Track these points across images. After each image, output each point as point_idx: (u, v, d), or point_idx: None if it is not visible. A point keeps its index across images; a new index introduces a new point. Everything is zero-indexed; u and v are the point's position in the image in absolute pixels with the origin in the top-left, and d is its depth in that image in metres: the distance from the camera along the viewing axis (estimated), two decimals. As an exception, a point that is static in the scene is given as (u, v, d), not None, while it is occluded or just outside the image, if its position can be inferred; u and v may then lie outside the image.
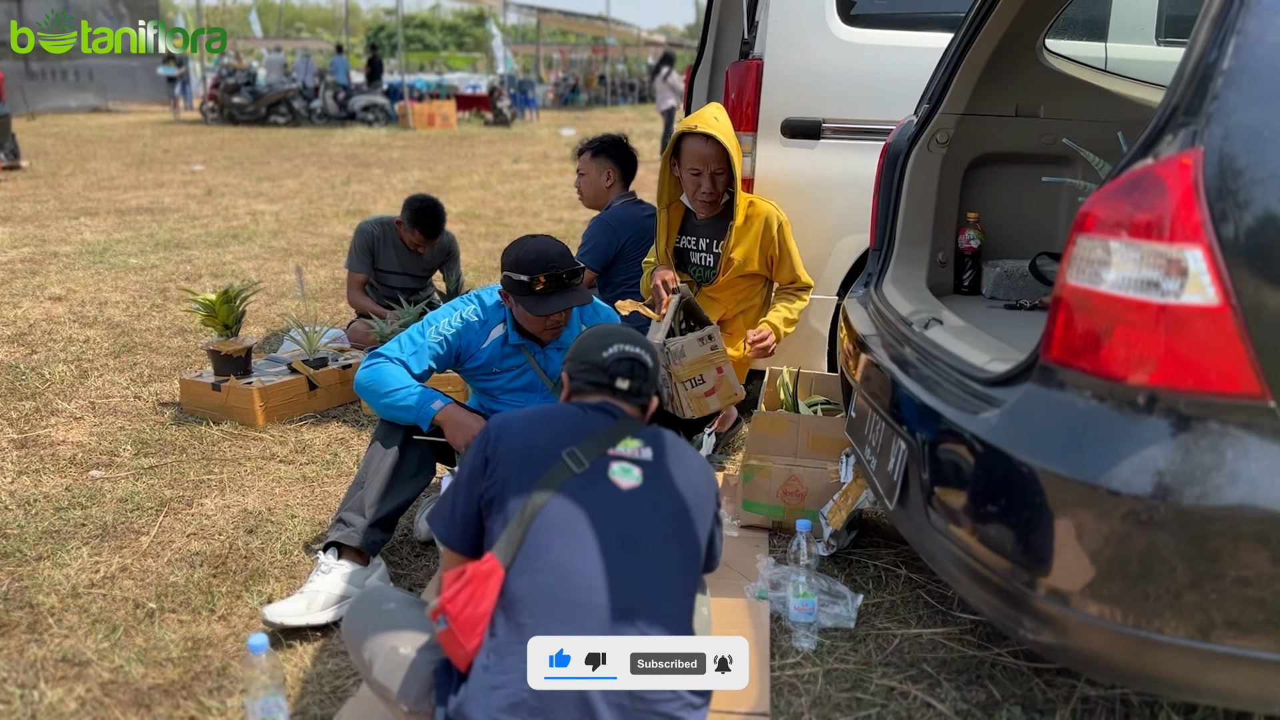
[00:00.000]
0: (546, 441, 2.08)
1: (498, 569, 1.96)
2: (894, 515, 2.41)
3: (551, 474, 2.03)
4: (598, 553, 1.96)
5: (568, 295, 3.00)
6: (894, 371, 2.45)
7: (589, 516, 1.99)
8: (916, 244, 3.08)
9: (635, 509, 2.04)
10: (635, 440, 2.13)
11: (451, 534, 2.15)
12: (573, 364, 2.27)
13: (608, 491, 2.03)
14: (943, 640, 2.76)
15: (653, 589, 1.99)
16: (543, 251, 2.99)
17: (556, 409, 2.20)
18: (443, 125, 24.15)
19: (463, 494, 2.13)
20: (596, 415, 2.16)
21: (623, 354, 2.22)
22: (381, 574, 2.97)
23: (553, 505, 1.99)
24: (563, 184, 13.67)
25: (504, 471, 2.05)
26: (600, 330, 2.31)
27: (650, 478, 2.08)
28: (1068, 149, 3.20)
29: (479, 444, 2.12)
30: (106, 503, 3.59)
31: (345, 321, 6.13)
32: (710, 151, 3.69)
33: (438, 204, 5.29)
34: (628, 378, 2.22)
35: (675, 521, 2.08)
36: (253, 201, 11.28)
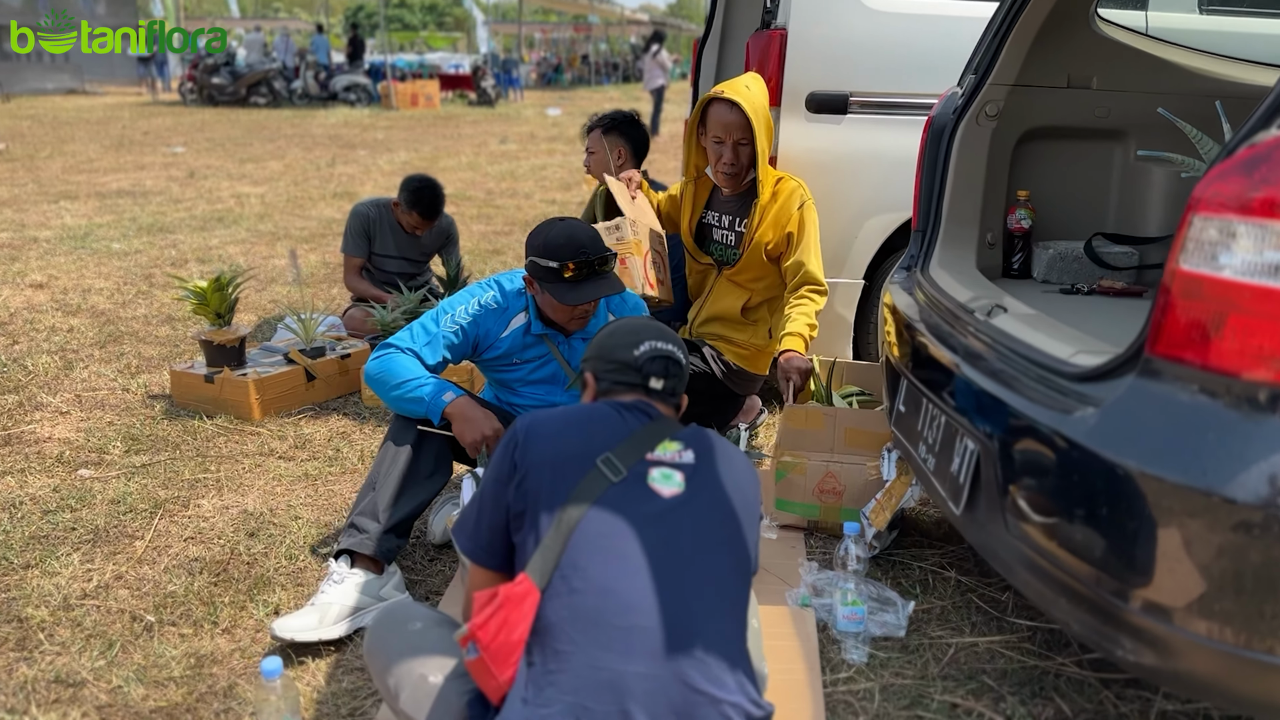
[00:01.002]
0: (580, 447, 1.89)
1: (533, 591, 1.77)
2: (960, 520, 2.23)
3: (587, 484, 1.84)
4: (642, 570, 1.76)
5: (599, 284, 2.79)
6: (959, 364, 2.26)
7: (630, 530, 1.80)
8: (964, 224, 2.89)
9: (679, 518, 1.84)
10: (675, 443, 1.94)
11: (478, 548, 1.96)
12: (599, 363, 2.07)
13: (649, 501, 1.84)
14: (1000, 649, 2.58)
15: (703, 606, 1.80)
16: (573, 236, 2.78)
17: (589, 409, 2.00)
18: (426, 105, 23.81)
19: (489, 503, 1.93)
20: (633, 416, 1.97)
21: (656, 352, 2.03)
22: (397, 582, 2.77)
23: (590, 519, 1.80)
24: (553, 164, 13.43)
25: (535, 481, 1.86)
26: (626, 325, 2.11)
27: (693, 483, 1.89)
28: (1122, 124, 3.02)
29: (506, 448, 1.93)
30: (97, 505, 3.38)
31: (340, 308, 5.90)
32: (734, 120, 3.48)
33: (437, 184, 5.08)
34: (662, 377, 2.03)
35: (723, 529, 1.89)
36: (236, 184, 11.00)
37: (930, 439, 2.43)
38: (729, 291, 3.65)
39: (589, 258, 2.74)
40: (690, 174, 3.73)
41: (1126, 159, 3.06)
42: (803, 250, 3.46)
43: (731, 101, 3.45)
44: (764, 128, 3.49)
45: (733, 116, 3.47)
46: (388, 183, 11.37)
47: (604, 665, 1.70)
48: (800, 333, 3.31)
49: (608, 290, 2.79)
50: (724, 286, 3.67)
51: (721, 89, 3.49)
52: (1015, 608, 2.75)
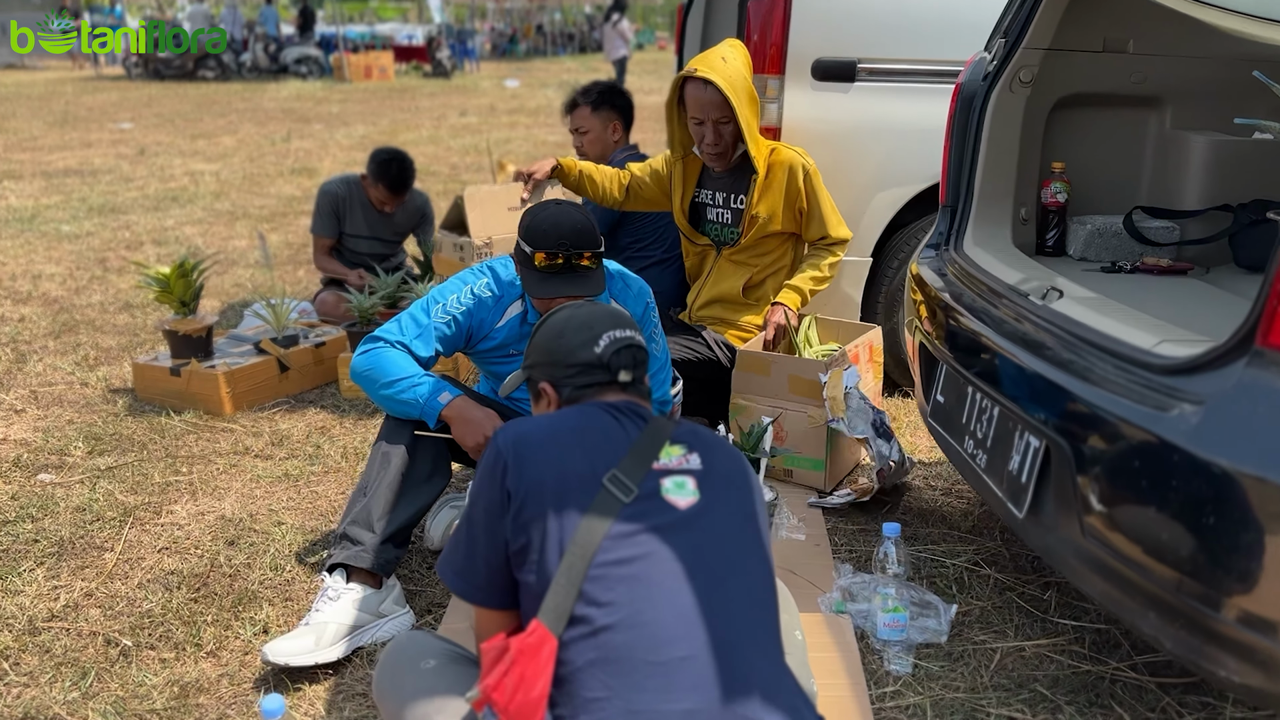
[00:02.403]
0: (581, 464, 1.64)
1: (548, 639, 1.53)
2: (1021, 523, 2.05)
3: (597, 508, 1.59)
4: (672, 595, 1.54)
5: (573, 282, 2.52)
6: (1019, 353, 2.08)
7: (654, 553, 1.57)
8: (998, 199, 2.71)
9: (701, 530, 1.63)
10: (677, 446, 1.71)
11: (474, 588, 1.70)
12: (555, 369, 1.81)
13: (667, 516, 1.62)
14: (1048, 653, 2.42)
15: (744, 624, 1.59)
16: (557, 224, 2.52)
17: (579, 417, 1.74)
18: (380, 78, 23.28)
19: (482, 537, 1.67)
20: (629, 421, 1.73)
21: (619, 342, 1.80)
22: (397, 596, 2.56)
23: (606, 550, 1.56)
24: (516, 138, 13.12)
25: (534, 510, 1.61)
26: (573, 319, 1.84)
27: (705, 488, 1.67)
28: (1158, 90, 2.85)
29: (492, 472, 1.66)
30: (61, 513, 3.12)
31: (311, 292, 5.64)
32: (710, 99, 3.24)
33: (405, 156, 4.82)
34: (630, 368, 1.80)
35: (744, 534, 1.68)
36: (189, 161, 10.60)
37: (980, 434, 2.25)
38: (730, 272, 3.44)
39: (565, 251, 2.49)
40: (677, 152, 3.50)
41: (1162, 127, 2.89)
42: (819, 218, 3.35)
43: (705, 80, 3.22)
44: (746, 101, 3.25)
45: (708, 95, 3.24)
46: (347, 158, 11.02)
47: (643, 708, 1.49)
48: (799, 287, 3.34)
49: (582, 291, 2.50)
50: (724, 267, 3.46)
51: (694, 66, 3.25)
52: (1058, 607, 2.60)
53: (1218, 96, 2.84)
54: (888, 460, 2.99)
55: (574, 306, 1.88)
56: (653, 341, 2.82)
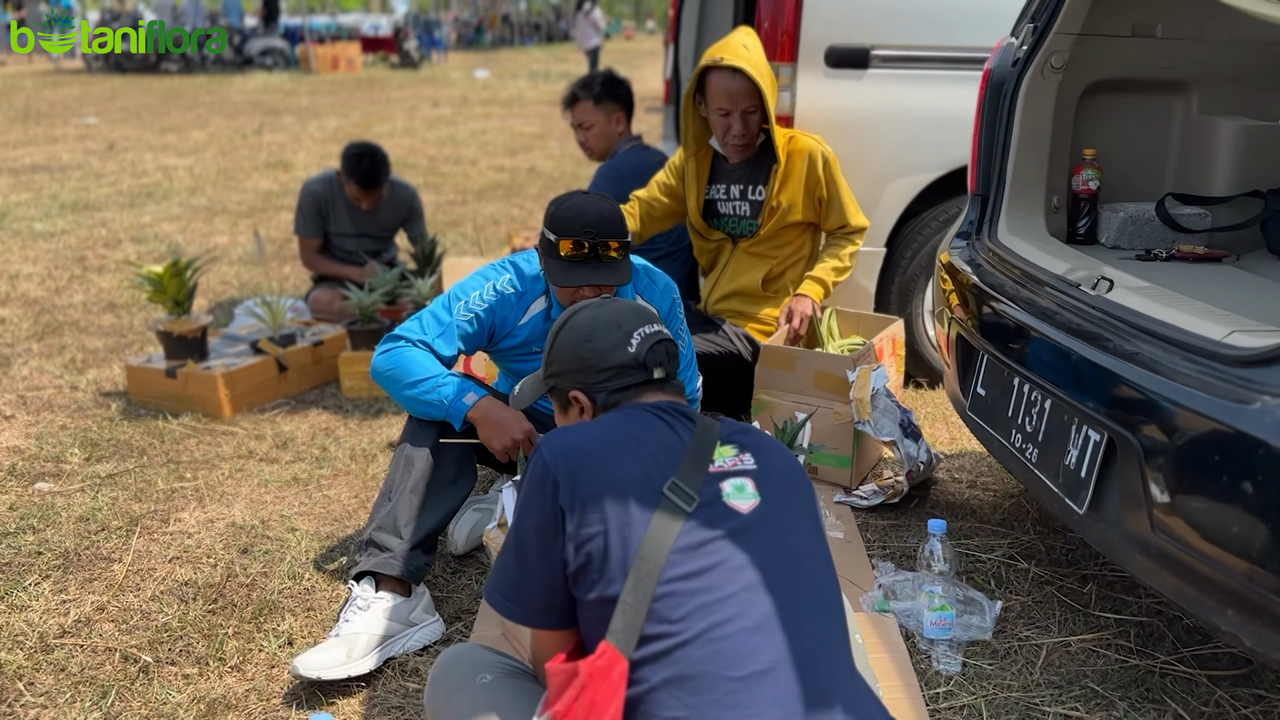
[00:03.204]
0: (636, 473, 1.55)
1: (619, 661, 1.45)
2: (1081, 519, 2.01)
3: (660, 521, 1.50)
4: (748, 606, 1.46)
5: (599, 271, 2.44)
6: (1074, 345, 2.03)
7: (723, 563, 1.50)
8: (1031, 187, 2.66)
9: (766, 534, 1.56)
10: (729, 446, 1.64)
11: (531, 613, 1.61)
12: (587, 374, 1.72)
13: (731, 522, 1.54)
14: (1094, 647, 2.38)
15: (820, 629, 1.53)
16: (582, 211, 2.45)
17: (627, 422, 1.65)
18: (348, 69, 23.02)
19: (535, 559, 1.57)
20: (678, 422, 1.65)
21: (650, 338, 1.72)
22: (427, 604, 2.48)
23: (675, 564, 1.48)
24: (492, 129, 12.99)
25: (592, 528, 1.51)
26: (599, 319, 1.75)
27: (765, 489, 1.59)
28: (1186, 75, 2.81)
29: (540, 490, 1.56)
30: (63, 523, 3.01)
31: (300, 289, 5.53)
32: (740, 87, 3.17)
33: (376, 151, 4.67)
34: (664, 363, 1.73)
35: (809, 533, 1.62)
36: (160, 155, 10.39)
37: (1030, 427, 2.20)
38: (748, 264, 3.37)
39: (591, 239, 2.43)
40: (690, 148, 3.41)
41: (1188, 113, 2.85)
42: (838, 207, 3.30)
43: (734, 68, 3.14)
44: (771, 89, 3.20)
45: (738, 84, 3.16)
46: (322, 151, 10.86)
47: None
48: (821, 278, 3.29)
49: (609, 280, 2.44)
50: (742, 260, 3.39)
51: (719, 55, 3.17)
52: (1098, 600, 2.56)
53: (1245, 81, 2.81)
54: (916, 462, 2.94)
55: (593, 307, 1.79)
56: (679, 338, 2.76)
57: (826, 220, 3.34)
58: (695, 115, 3.33)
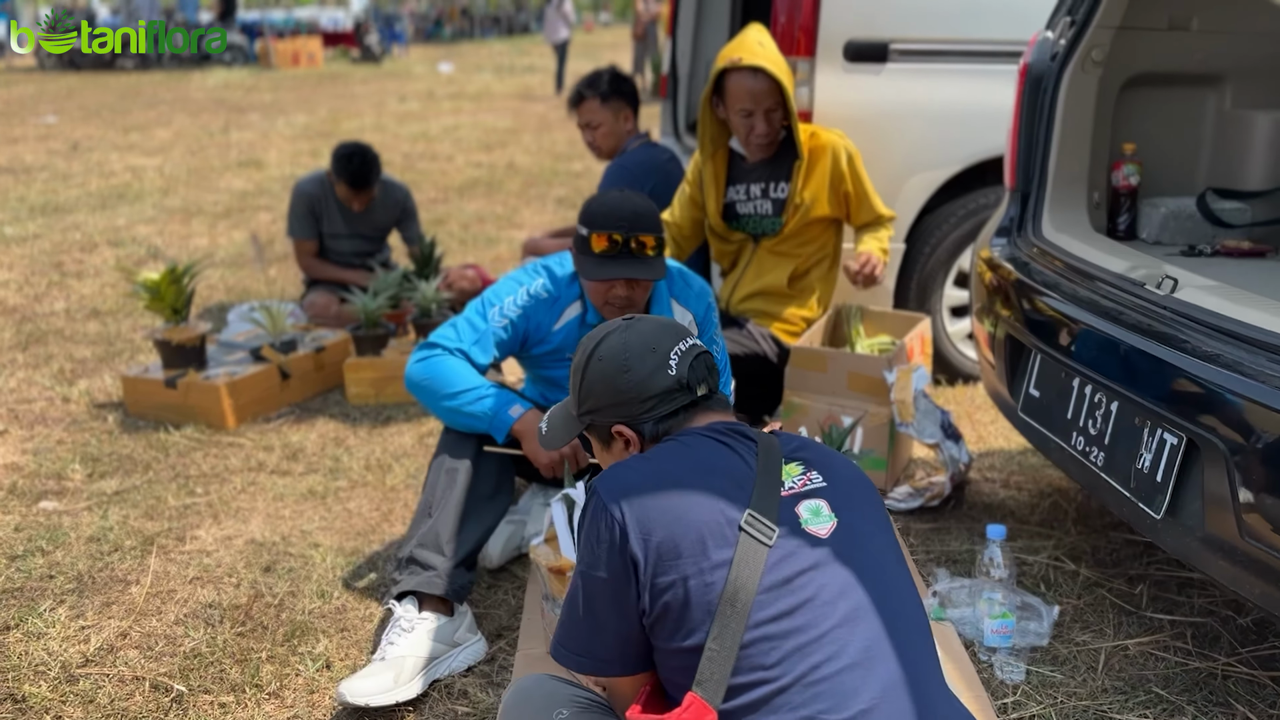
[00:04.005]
0: (709, 510, 1.44)
1: (707, 713, 1.37)
2: (1157, 524, 1.96)
3: (742, 560, 1.40)
4: (844, 643, 1.38)
5: (632, 265, 2.38)
6: (1147, 346, 1.98)
7: (813, 598, 1.41)
8: (1073, 182, 2.62)
9: (849, 559, 1.47)
10: (795, 464, 1.54)
11: (605, 664, 1.51)
12: (627, 407, 1.60)
13: (815, 552, 1.45)
14: (1153, 650, 2.35)
15: (917, 658, 1.45)
16: (616, 207, 2.39)
17: (686, 453, 1.54)
18: (309, 64, 22.71)
19: (607, 611, 1.46)
20: (740, 445, 1.55)
21: (687, 355, 1.61)
22: (470, 623, 2.40)
23: (763, 605, 1.39)
24: (464, 124, 12.85)
25: (670, 575, 1.40)
26: (624, 346, 1.62)
27: (839, 508, 1.51)
28: (1220, 68, 2.78)
29: (604, 539, 1.45)
30: (73, 544, 2.89)
31: (288, 292, 5.40)
32: (762, 87, 3.10)
33: (367, 151, 4.55)
34: (705, 378, 1.62)
35: (888, 551, 1.55)
36: (127, 155, 10.15)
37: (1094, 430, 2.16)
38: (771, 264, 3.31)
39: (625, 233, 2.36)
40: (707, 150, 3.34)
41: (1222, 106, 2.83)
42: (868, 201, 3.25)
43: (755, 68, 3.08)
44: (791, 86, 3.14)
45: (760, 84, 3.10)
46: (292, 148, 10.67)
47: None
48: (873, 247, 3.21)
49: (642, 274, 2.37)
50: (765, 259, 3.32)
51: (738, 56, 3.09)
52: (1150, 601, 2.53)
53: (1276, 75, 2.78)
54: (959, 463, 2.90)
55: (618, 332, 1.65)
56: (714, 344, 2.69)
57: (857, 215, 3.28)
58: (712, 117, 3.26)
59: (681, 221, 3.39)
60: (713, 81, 3.17)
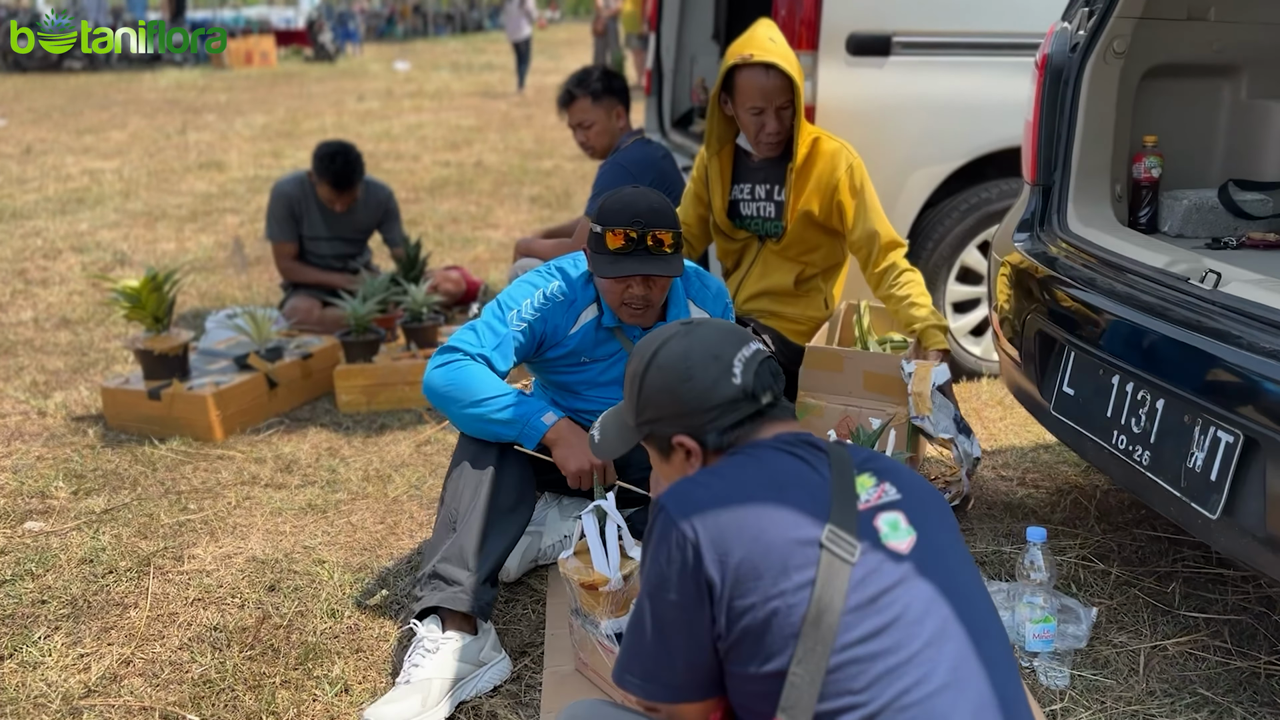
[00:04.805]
0: (787, 527, 1.37)
1: None
2: (1210, 526, 1.92)
3: (825, 580, 1.33)
4: (935, 663, 1.32)
5: (649, 261, 2.30)
6: (1198, 342, 1.94)
7: (900, 617, 1.34)
8: (1096, 175, 2.58)
9: (932, 573, 1.40)
10: (866, 475, 1.46)
11: (674, 690, 1.43)
12: (690, 418, 1.52)
13: (898, 568, 1.38)
14: (1192, 650, 2.32)
15: (1002, 673, 1.38)
16: (631, 202, 2.31)
17: (758, 467, 1.46)
18: (262, 63, 22.36)
19: (678, 636, 1.39)
20: (814, 457, 1.47)
21: (751, 361, 1.52)
22: (494, 642, 2.30)
23: (848, 627, 1.32)
24: (427, 123, 12.67)
25: (748, 599, 1.33)
26: (686, 353, 1.53)
27: (915, 521, 1.44)
28: (1237, 59, 2.76)
29: (676, 560, 1.37)
30: (64, 567, 2.76)
31: (264, 297, 5.26)
32: (774, 84, 3.01)
33: (350, 150, 4.44)
34: (770, 386, 1.53)
35: (966, 563, 1.48)
36: (83, 159, 9.89)
37: (1137, 428, 2.12)
38: (777, 265, 3.23)
39: (640, 229, 2.28)
40: (713, 148, 3.25)
41: (1237, 96, 2.80)
42: (868, 216, 3.05)
43: (768, 64, 2.99)
44: (801, 83, 3.05)
45: (772, 81, 3.00)
46: (253, 149, 10.46)
47: None
48: (940, 325, 2.93)
49: (660, 270, 2.30)
50: (771, 260, 3.25)
51: (749, 52, 3.00)
52: (1183, 599, 2.50)
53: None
54: (971, 459, 2.85)
55: (678, 338, 1.55)
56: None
57: (853, 230, 3.08)
58: (720, 114, 3.18)
59: (691, 221, 3.31)
60: (721, 78, 3.08)
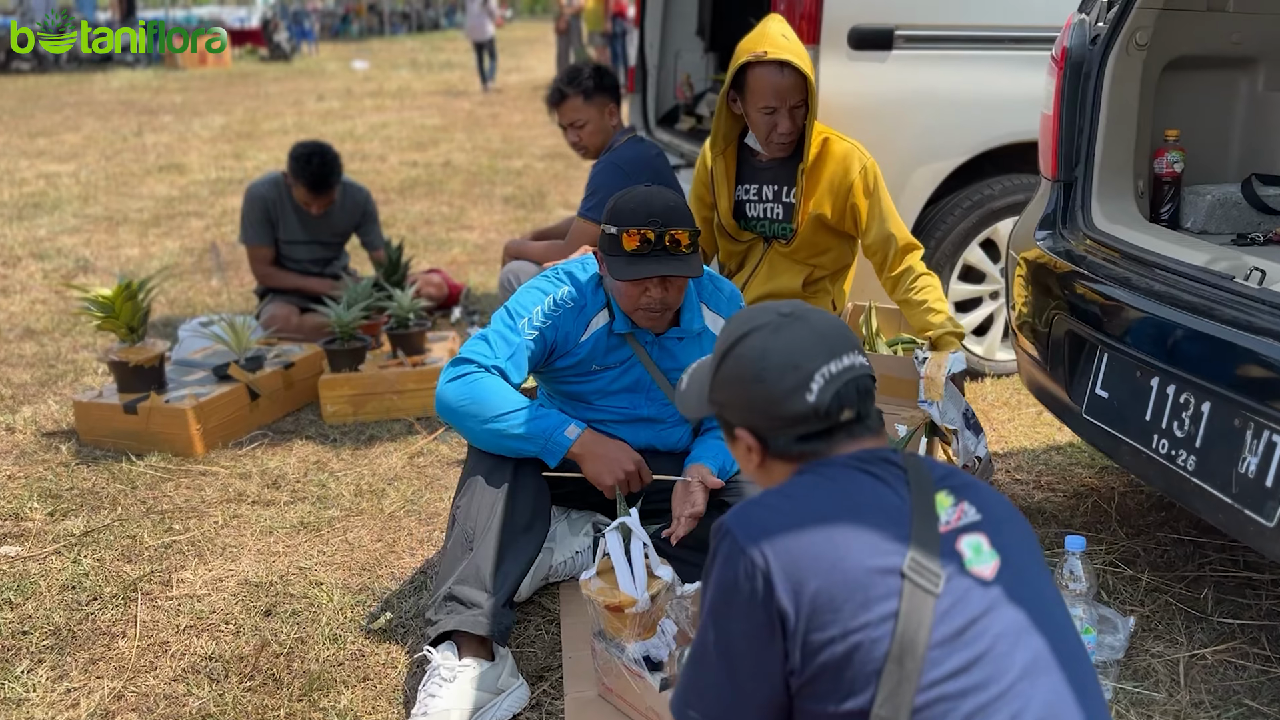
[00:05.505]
0: (866, 555, 1.28)
1: None
2: (1267, 533, 1.85)
3: (908, 612, 1.24)
4: (1029, 698, 1.24)
5: (667, 263, 2.21)
6: (1251, 344, 1.87)
7: (989, 650, 1.25)
8: (1119, 170, 2.52)
9: (1018, 600, 1.31)
10: (944, 494, 1.37)
11: None
12: (749, 414, 1.44)
13: (984, 597, 1.29)
14: (1231, 658, 2.25)
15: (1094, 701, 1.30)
16: (646, 201, 2.22)
17: (834, 489, 1.36)
18: (217, 63, 21.92)
19: (746, 673, 1.31)
20: (891, 475, 1.37)
21: (836, 379, 1.39)
22: (511, 667, 2.19)
23: (935, 663, 1.23)
24: (391, 122, 12.47)
25: (826, 632, 1.25)
26: (764, 351, 1.41)
27: (998, 544, 1.34)
28: (1255, 51, 2.70)
29: (744, 589, 1.29)
30: (45, 594, 2.61)
31: (238, 305, 5.10)
32: (788, 82, 2.90)
33: (327, 151, 4.29)
34: (855, 403, 1.41)
35: (1046, 579, 1.39)
36: (37, 162, 9.60)
37: (1181, 432, 2.05)
38: (785, 267, 3.13)
39: (657, 229, 2.19)
40: (718, 147, 3.15)
41: (1254, 89, 2.75)
42: (884, 219, 2.96)
43: (782, 62, 2.89)
44: (814, 82, 2.96)
45: (786, 79, 2.90)
46: (214, 150, 10.22)
47: None
48: (957, 331, 2.83)
49: (678, 271, 2.21)
50: (778, 262, 3.15)
51: (762, 49, 2.89)
52: (1215, 605, 2.44)
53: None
54: (973, 455, 2.77)
55: (766, 331, 1.42)
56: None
57: (868, 233, 3.00)
58: (728, 113, 3.07)
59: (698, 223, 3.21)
60: (731, 75, 2.97)
